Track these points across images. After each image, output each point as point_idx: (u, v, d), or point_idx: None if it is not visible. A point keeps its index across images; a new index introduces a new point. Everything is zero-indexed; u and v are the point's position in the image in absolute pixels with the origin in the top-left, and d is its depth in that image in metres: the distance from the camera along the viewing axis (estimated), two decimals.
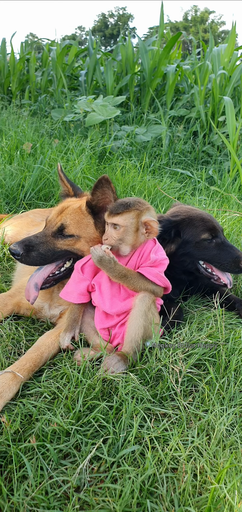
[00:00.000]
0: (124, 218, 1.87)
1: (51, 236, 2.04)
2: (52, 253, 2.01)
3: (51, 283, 2.08)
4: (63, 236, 2.04)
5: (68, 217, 2.07)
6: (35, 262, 1.98)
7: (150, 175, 4.68)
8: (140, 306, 1.81)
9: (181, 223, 2.34)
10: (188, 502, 1.25)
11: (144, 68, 7.13)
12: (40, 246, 1.99)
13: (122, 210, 1.87)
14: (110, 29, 69.09)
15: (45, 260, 2.00)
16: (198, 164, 5.71)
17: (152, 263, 1.91)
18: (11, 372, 1.64)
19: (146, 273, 1.87)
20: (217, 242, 2.34)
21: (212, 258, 2.33)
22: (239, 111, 6.30)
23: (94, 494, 1.27)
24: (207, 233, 2.32)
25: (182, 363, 1.77)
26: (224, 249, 2.33)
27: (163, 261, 1.95)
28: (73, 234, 2.04)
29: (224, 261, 2.32)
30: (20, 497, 1.22)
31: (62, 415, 1.52)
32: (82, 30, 75.28)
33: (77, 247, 2.06)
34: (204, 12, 65.99)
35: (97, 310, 1.96)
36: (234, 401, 1.68)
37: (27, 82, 9.18)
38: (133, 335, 1.79)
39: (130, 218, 1.88)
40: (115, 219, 1.87)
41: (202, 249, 2.33)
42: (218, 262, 2.33)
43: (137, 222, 1.90)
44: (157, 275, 1.88)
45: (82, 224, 2.07)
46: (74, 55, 9.02)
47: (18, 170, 3.90)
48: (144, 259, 1.93)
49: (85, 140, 5.02)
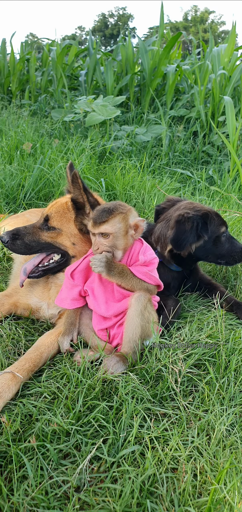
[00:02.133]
0: (110, 225, 1.83)
1: (38, 227, 2.13)
2: (36, 244, 2.10)
3: (40, 273, 2.13)
4: (47, 228, 2.10)
5: (54, 210, 2.13)
6: (20, 250, 2.10)
7: (150, 175, 4.68)
8: (135, 306, 1.81)
9: (206, 218, 2.31)
10: (188, 503, 1.25)
11: (144, 68, 7.12)
12: (26, 236, 2.09)
13: (107, 217, 1.83)
14: (111, 29, 69.09)
15: (30, 250, 2.10)
16: (198, 164, 5.70)
17: (142, 263, 1.90)
18: (10, 372, 1.64)
19: (135, 272, 1.87)
20: (227, 235, 2.40)
21: (227, 252, 2.40)
22: (239, 111, 6.30)
23: (94, 494, 1.27)
24: (224, 226, 2.36)
25: (182, 363, 1.77)
26: (232, 242, 2.42)
27: (153, 261, 1.94)
28: (55, 227, 2.09)
29: (234, 253, 2.40)
30: (20, 497, 1.22)
31: (62, 415, 1.52)
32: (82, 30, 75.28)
33: (59, 241, 2.10)
34: (204, 12, 65.98)
35: (95, 312, 1.95)
36: (234, 401, 1.68)
37: (27, 82, 9.18)
38: (131, 335, 1.79)
39: (116, 223, 1.84)
40: (102, 228, 1.83)
41: (219, 244, 2.37)
42: (230, 256, 2.40)
43: (125, 226, 1.87)
44: (146, 273, 1.87)
45: (64, 218, 2.10)
46: (74, 55, 9.01)
47: (18, 170, 3.90)
48: (133, 261, 1.93)
49: (85, 140, 5.02)
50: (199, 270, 2.62)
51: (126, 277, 1.84)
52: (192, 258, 2.37)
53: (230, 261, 2.45)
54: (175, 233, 2.23)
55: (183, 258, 2.33)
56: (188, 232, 2.21)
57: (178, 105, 6.92)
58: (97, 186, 3.85)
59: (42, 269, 2.14)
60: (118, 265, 1.83)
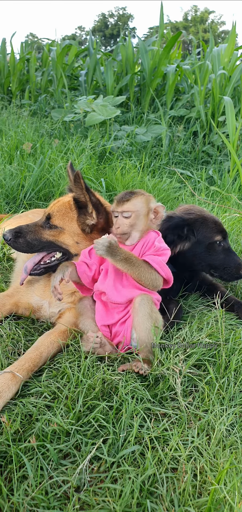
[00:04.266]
0: (133, 204, 1.90)
1: (40, 226, 2.14)
2: (38, 242, 2.11)
3: (41, 270, 2.14)
4: (49, 226, 2.11)
5: (56, 208, 2.13)
6: (21, 248, 2.11)
7: (150, 175, 4.68)
8: (143, 311, 1.80)
9: (195, 222, 2.34)
10: (188, 503, 1.25)
11: (144, 68, 7.12)
12: (28, 234, 2.11)
13: (130, 196, 1.91)
14: (111, 29, 69.06)
15: (32, 248, 2.11)
16: (198, 164, 5.70)
17: (156, 250, 1.90)
18: (10, 372, 1.64)
19: (150, 261, 1.86)
20: (224, 246, 2.38)
21: (220, 262, 2.38)
22: (239, 111, 6.30)
23: (94, 494, 1.26)
24: (220, 235, 2.36)
25: (182, 363, 1.77)
26: (229, 254, 2.39)
27: (166, 251, 1.95)
28: (57, 225, 2.10)
29: (228, 266, 2.37)
30: (20, 497, 1.22)
31: (62, 415, 1.52)
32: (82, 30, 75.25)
33: (61, 240, 2.10)
34: (204, 12, 65.95)
35: (98, 307, 1.95)
36: (234, 401, 1.68)
37: (27, 82, 9.17)
38: (146, 340, 1.79)
39: (139, 203, 1.91)
40: (125, 206, 1.89)
41: (212, 252, 2.36)
42: (223, 267, 2.38)
43: (146, 207, 1.93)
44: (160, 263, 1.87)
45: (66, 217, 2.11)
46: (74, 55, 9.01)
47: (18, 170, 3.90)
48: (148, 248, 1.93)
49: (85, 140, 5.02)
50: (198, 273, 2.61)
51: (133, 265, 1.82)
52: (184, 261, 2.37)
53: (224, 275, 2.41)
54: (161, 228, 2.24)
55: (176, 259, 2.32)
56: (166, 230, 2.24)
57: (178, 105, 6.92)
58: (98, 186, 3.85)
59: (44, 266, 2.14)
60: (124, 252, 1.82)
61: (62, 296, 1.91)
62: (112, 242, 1.80)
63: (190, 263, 2.40)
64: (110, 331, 1.91)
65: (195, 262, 2.39)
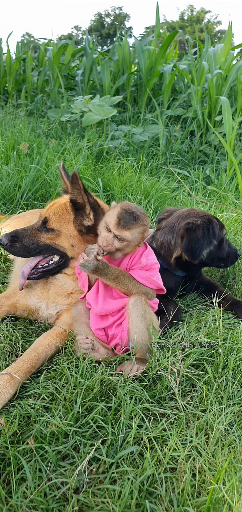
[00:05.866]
0: (131, 233, 1.81)
1: (36, 229, 2.11)
2: (35, 246, 2.08)
3: (39, 274, 2.12)
4: (46, 230, 2.08)
5: (52, 211, 2.11)
6: (19, 253, 2.08)
7: (147, 175, 4.67)
8: (136, 312, 1.80)
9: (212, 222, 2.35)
10: (187, 502, 1.25)
11: (140, 67, 7.12)
12: (25, 238, 2.08)
13: (132, 224, 1.80)
14: (107, 29, 69.02)
15: (29, 252, 2.08)
16: (195, 163, 5.71)
17: (142, 267, 1.89)
18: (8, 374, 1.63)
19: (136, 276, 1.86)
20: (225, 239, 2.44)
21: (226, 254, 2.45)
22: (235, 111, 6.31)
23: (93, 495, 1.26)
24: (224, 230, 2.41)
25: (180, 363, 1.77)
26: (229, 244, 2.48)
27: (154, 265, 1.93)
28: (54, 228, 2.07)
29: (231, 255, 2.48)
30: (19, 500, 1.22)
31: (61, 416, 1.51)
32: (79, 30, 75.16)
33: (58, 243, 2.08)
34: (200, 12, 66.05)
35: (92, 311, 1.95)
36: (232, 400, 1.68)
37: (23, 82, 9.15)
38: (140, 341, 1.79)
39: (136, 233, 1.83)
40: (125, 233, 1.80)
41: (221, 247, 2.41)
42: (228, 258, 2.46)
43: (141, 238, 1.87)
44: (147, 278, 1.87)
45: (63, 219, 2.08)
46: (71, 55, 8.98)
47: (14, 170, 3.89)
48: (135, 262, 1.92)
49: (82, 140, 5.01)
50: (201, 273, 2.62)
51: (121, 282, 1.83)
52: (200, 264, 2.39)
53: (228, 264, 2.51)
54: (188, 242, 2.22)
55: (189, 265, 2.34)
56: (200, 240, 2.23)
57: (174, 104, 6.92)
58: (95, 186, 3.84)
59: (42, 270, 2.12)
60: (113, 271, 1.81)
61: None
62: (99, 265, 1.76)
63: (204, 263, 2.42)
64: (106, 334, 1.91)
65: (209, 261, 2.41)
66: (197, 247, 2.22)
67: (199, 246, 2.23)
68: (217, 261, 2.46)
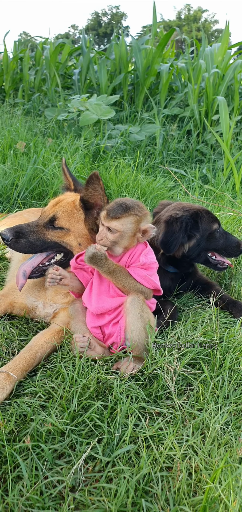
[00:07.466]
0: (121, 223, 1.81)
1: (42, 226, 2.07)
2: (41, 243, 2.04)
3: (40, 273, 2.09)
4: (54, 227, 2.06)
5: (61, 209, 2.08)
6: (23, 249, 2.02)
7: (144, 174, 4.67)
8: (133, 311, 1.80)
9: (196, 216, 2.33)
10: (183, 501, 1.25)
11: (137, 67, 7.12)
12: (30, 234, 2.02)
13: (121, 214, 1.81)
14: (104, 28, 68.92)
15: (34, 249, 2.03)
16: (192, 162, 5.72)
17: (141, 265, 1.89)
18: (4, 372, 1.63)
19: (133, 274, 1.86)
20: (220, 231, 2.44)
21: (221, 247, 2.45)
22: (232, 110, 6.32)
23: (89, 493, 1.26)
24: (216, 223, 2.40)
25: (177, 362, 1.77)
26: (227, 237, 2.47)
27: (152, 265, 1.93)
28: (63, 226, 2.06)
29: (229, 248, 2.46)
30: (15, 498, 1.22)
31: (57, 415, 1.51)
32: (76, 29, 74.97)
33: (66, 241, 2.07)
34: (197, 11, 66.06)
35: (88, 310, 1.95)
36: (228, 399, 1.68)
37: (20, 81, 9.12)
38: (137, 340, 1.79)
39: (127, 223, 1.82)
40: (113, 223, 1.81)
41: (213, 241, 2.40)
42: (225, 250, 2.46)
43: (135, 228, 1.85)
44: (145, 277, 1.87)
45: (73, 218, 2.07)
46: (68, 54, 8.97)
47: (11, 169, 3.88)
48: (134, 260, 1.91)
49: (79, 139, 5.01)
50: (197, 271, 2.62)
51: (117, 277, 1.83)
52: (186, 259, 2.37)
53: (227, 254, 2.50)
54: (164, 235, 2.22)
55: (177, 260, 2.33)
56: (177, 233, 2.21)
57: (171, 104, 6.93)
58: None
59: (44, 269, 2.09)
60: (110, 265, 1.81)
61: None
62: (97, 254, 1.77)
63: (193, 258, 2.40)
64: (103, 333, 1.90)
65: (193, 255, 2.38)
66: (172, 240, 2.20)
67: (174, 239, 2.20)
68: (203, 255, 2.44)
